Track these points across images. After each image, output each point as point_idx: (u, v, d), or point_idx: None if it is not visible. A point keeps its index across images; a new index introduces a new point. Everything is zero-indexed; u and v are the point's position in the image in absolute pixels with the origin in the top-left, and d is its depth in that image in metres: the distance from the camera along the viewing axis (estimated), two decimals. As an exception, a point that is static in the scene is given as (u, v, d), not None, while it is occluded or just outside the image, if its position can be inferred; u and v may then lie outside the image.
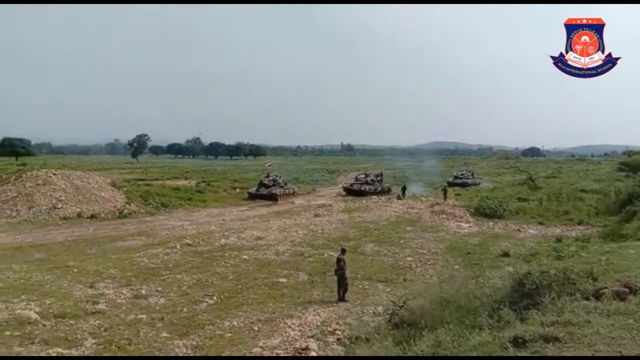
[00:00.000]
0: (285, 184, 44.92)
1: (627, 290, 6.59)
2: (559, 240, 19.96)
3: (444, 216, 28.53)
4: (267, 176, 43.94)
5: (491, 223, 26.68)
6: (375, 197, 41.89)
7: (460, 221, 27.17)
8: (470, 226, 26.01)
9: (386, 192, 45.89)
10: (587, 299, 6.43)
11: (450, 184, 52.68)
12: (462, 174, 58.89)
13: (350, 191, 45.02)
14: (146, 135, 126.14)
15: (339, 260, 13.11)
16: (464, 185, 52.29)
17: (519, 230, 24.66)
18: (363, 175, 48.94)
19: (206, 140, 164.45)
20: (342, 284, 12.90)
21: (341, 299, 12.79)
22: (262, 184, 42.11)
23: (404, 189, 42.10)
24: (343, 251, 13.65)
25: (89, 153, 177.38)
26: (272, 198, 39.62)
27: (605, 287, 6.75)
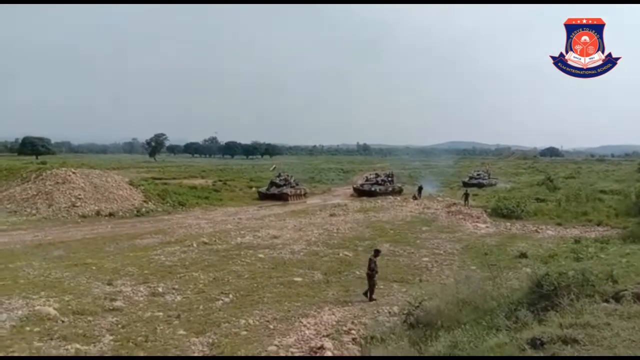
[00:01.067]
0: (297, 183, 44.27)
1: (647, 292, 6.48)
2: (577, 241, 19.71)
3: (461, 216, 28.32)
4: (279, 175, 43.36)
5: (509, 224, 26.42)
6: (390, 197, 41.68)
7: (477, 222, 26.95)
8: (487, 227, 25.79)
9: (397, 192, 45.30)
10: (607, 301, 6.34)
11: (465, 184, 52.14)
12: (477, 174, 58.22)
13: (360, 191, 44.34)
14: (164, 135, 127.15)
15: (370, 260, 13.04)
16: (479, 185, 51.51)
17: (537, 231, 24.38)
18: (374, 176, 48.35)
19: (222, 139, 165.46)
20: (370, 284, 12.86)
21: (369, 298, 12.75)
22: (273, 184, 41.57)
23: (420, 189, 41.81)
24: (376, 252, 13.47)
25: (107, 152, 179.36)
26: (283, 198, 39.08)
27: (625, 290, 6.64)
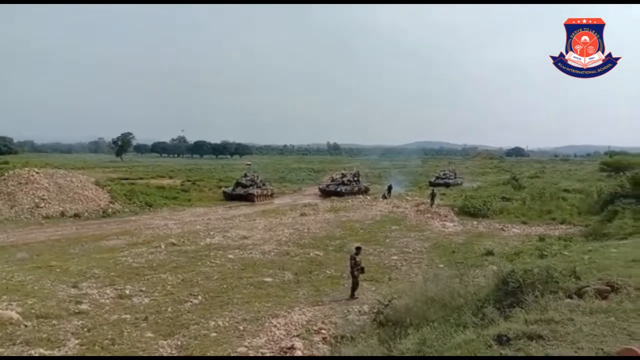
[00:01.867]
0: (264, 184, 43.36)
1: (608, 288, 6.67)
2: (542, 239, 20.15)
3: (429, 215, 28.69)
4: (245, 175, 42.26)
5: (475, 222, 26.87)
6: (360, 196, 41.83)
7: (444, 220, 27.33)
8: (454, 225, 26.18)
9: (363, 191, 45.04)
10: (570, 297, 6.49)
11: (432, 184, 52.77)
12: (444, 174, 58.91)
13: (326, 192, 43.82)
14: (130, 134, 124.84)
15: (350, 258, 13.05)
16: (446, 185, 52.03)
17: (503, 230, 24.88)
18: (340, 176, 47.81)
19: (191, 139, 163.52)
20: (353, 282, 12.91)
21: (351, 295, 12.79)
22: (238, 184, 40.58)
23: (389, 189, 42.13)
24: (358, 249, 13.31)
25: (72, 151, 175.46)
26: (249, 199, 38.20)
27: (588, 286, 6.82)
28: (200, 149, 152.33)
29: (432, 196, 33.10)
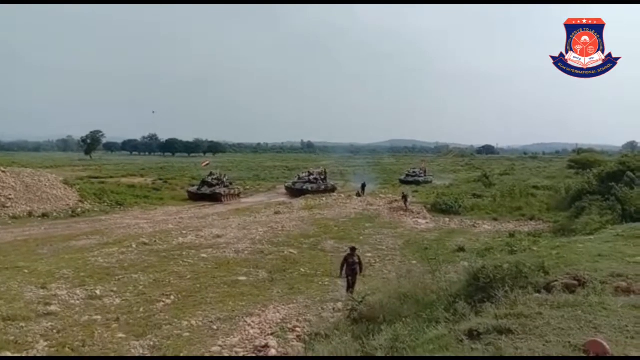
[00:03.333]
0: (231, 183, 42.63)
1: (576, 283, 6.85)
2: (512, 235, 20.56)
3: (402, 213, 28.97)
4: (211, 174, 41.09)
5: (447, 219, 27.25)
6: (333, 195, 41.93)
7: (417, 217, 27.65)
8: (427, 222, 26.50)
9: (330, 190, 44.89)
10: (539, 291, 6.64)
11: (402, 182, 53.20)
12: (414, 172, 59.35)
13: (292, 190, 43.37)
14: (100, 132, 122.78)
15: (347, 257, 12.90)
16: (416, 183, 52.38)
17: (474, 226, 25.29)
18: (306, 174, 47.44)
19: (163, 137, 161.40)
20: (348, 281, 12.78)
21: (350, 292, 12.53)
22: (204, 183, 39.46)
23: (363, 186, 42.35)
24: (352, 249, 13.18)
25: (40, 150, 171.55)
26: (216, 198, 37.10)
27: (556, 280, 6.99)
28: (172, 147, 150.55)
29: (405, 198, 32.52)
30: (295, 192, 42.44)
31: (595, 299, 5.81)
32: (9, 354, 8.88)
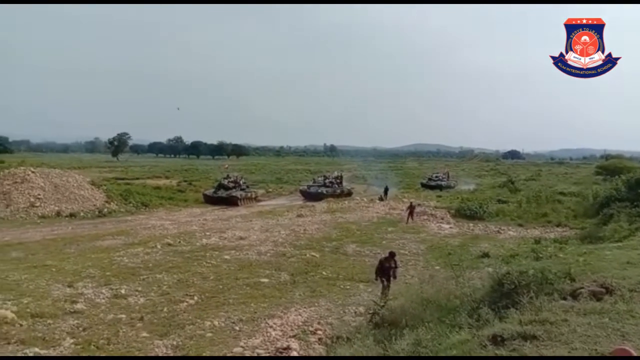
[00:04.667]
0: (248, 186, 41.52)
1: (603, 290, 6.72)
2: (537, 241, 20.21)
3: (425, 217, 28.73)
4: (227, 177, 39.91)
5: (471, 224, 26.93)
6: (357, 198, 41.81)
7: (441, 222, 27.41)
8: (450, 227, 26.25)
9: (346, 194, 44.19)
10: (565, 298, 6.53)
11: (424, 186, 52.43)
12: (436, 176, 58.18)
13: (307, 194, 42.36)
14: (127, 134, 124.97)
15: (385, 260, 12.89)
16: (438, 187, 51.31)
17: (499, 232, 24.94)
18: (322, 178, 46.50)
19: (188, 139, 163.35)
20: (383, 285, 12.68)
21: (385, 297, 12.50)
22: (221, 186, 38.35)
23: (386, 190, 42.10)
24: (391, 254, 13.15)
25: (68, 151, 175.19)
26: (232, 202, 36.05)
27: (582, 287, 6.86)
28: (196, 149, 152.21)
29: (411, 208, 31.35)
30: (310, 196, 41.53)
31: (623, 306, 5.70)
32: (36, 350, 9.08)
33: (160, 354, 9.25)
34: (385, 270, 12.72)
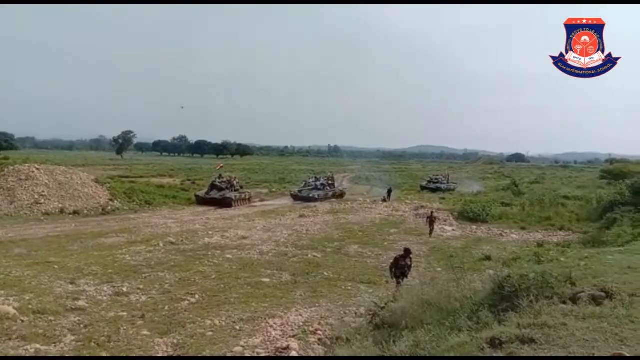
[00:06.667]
0: (242, 187, 39.87)
1: (603, 294, 6.70)
2: (540, 245, 20.19)
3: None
4: (220, 177, 38.25)
5: (474, 227, 26.90)
6: (360, 199, 41.77)
7: (443, 224, 27.36)
8: (453, 230, 26.22)
9: (339, 196, 43.51)
10: (564, 302, 6.52)
11: (423, 188, 52.26)
12: (436, 178, 57.91)
13: (298, 197, 40.61)
14: (132, 132, 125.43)
15: (400, 258, 12.78)
16: (438, 190, 51.00)
17: (502, 235, 24.91)
18: (313, 180, 45.02)
19: (192, 138, 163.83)
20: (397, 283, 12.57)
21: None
22: (214, 186, 36.64)
23: (389, 192, 42.01)
24: (407, 251, 13.01)
25: (73, 148, 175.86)
26: (226, 203, 34.44)
27: (583, 292, 6.85)
28: (201, 148, 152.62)
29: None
30: (302, 199, 39.84)
31: (622, 311, 5.69)
32: (37, 346, 9.13)
33: (161, 352, 9.28)
34: (400, 268, 12.68)
